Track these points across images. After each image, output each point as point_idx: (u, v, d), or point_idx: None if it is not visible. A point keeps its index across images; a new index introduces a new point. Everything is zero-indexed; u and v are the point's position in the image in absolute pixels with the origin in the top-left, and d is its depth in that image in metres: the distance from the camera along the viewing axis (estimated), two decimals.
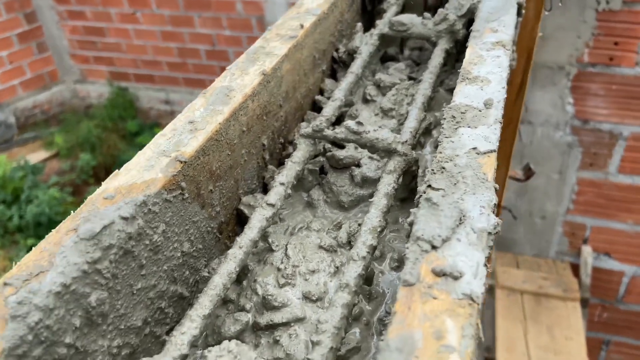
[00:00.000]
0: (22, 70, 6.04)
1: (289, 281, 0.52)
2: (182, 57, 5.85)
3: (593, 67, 2.97)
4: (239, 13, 5.34)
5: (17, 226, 4.92)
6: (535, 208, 3.53)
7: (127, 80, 6.24)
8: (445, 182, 0.46)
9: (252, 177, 0.66)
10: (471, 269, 0.38)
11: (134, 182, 0.48)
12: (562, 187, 3.36)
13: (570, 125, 3.16)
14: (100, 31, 5.88)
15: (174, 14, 5.53)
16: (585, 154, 3.25)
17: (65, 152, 5.86)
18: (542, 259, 3.70)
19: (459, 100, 0.57)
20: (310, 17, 0.77)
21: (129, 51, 5.99)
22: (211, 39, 5.63)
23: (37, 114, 6.28)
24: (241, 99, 0.60)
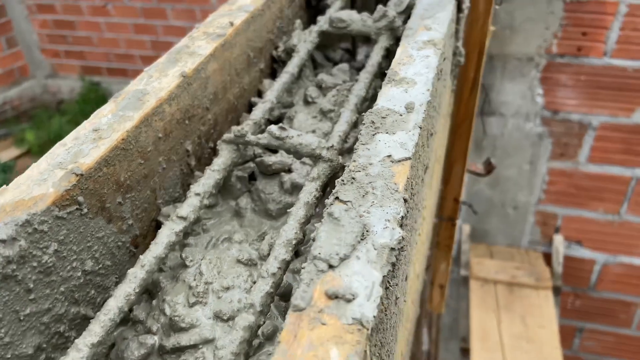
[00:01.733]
0: None
1: (199, 300, 0.49)
2: (156, 50, 5.74)
3: (562, 57, 2.98)
4: (212, 5, 5.25)
5: None
6: (508, 199, 3.56)
7: (99, 75, 6.11)
8: (354, 194, 0.43)
9: (175, 185, 0.63)
10: (365, 290, 0.35)
11: (21, 198, 0.45)
12: (533, 177, 3.38)
13: (540, 116, 3.18)
14: (71, 24, 5.75)
15: (146, 6, 5.42)
16: (555, 144, 3.27)
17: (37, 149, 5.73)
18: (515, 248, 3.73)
19: (382, 104, 0.54)
20: (242, 14, 0.73)
21: (101, 45, 5.86)
22: (185, 32, 5.53)
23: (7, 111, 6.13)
24: (155, 104, 0.57)
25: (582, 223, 3.45)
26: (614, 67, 2.89)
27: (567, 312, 3.77)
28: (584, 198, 3.33)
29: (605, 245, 3.50)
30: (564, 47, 2.95)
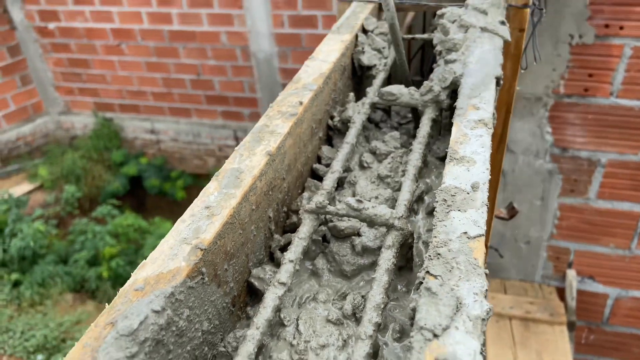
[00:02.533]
0: (6, 103, 6.03)
1: (302, 357, 0.57)
2: (168, 87, 5.90)
3: (569, 97, 3.10)
4: (223, 44, 5.43)
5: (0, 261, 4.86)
6: (520, 234, 3.63)
7: (112, 111, 6.26)
8: (442, 269, 0.52)
9: (260, 249, 0.72)
10: (469, 357, 0.44)
11: (160, 271, 0.53)
12: (544, 213, 3.46)
13: (549, 153, 3.28)
14: (85, 63, 5.91)
15: (159, 45, 5.59)
16: (565, 180, 3.36)
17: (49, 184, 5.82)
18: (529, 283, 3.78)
19: (449, 182, 0.63)
20: (307, 93, 0.83)
21: (114, 82, 6.02)
22: (196, 69, 5.70)
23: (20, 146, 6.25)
24: (251, 181, 0.66)
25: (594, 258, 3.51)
26: (621, 107, 3.00)
27: (581, 347, 3.80)
28: (595, 233, 3.41)
29: (618, 279, 3.55)
30: (571, 87, 3.08)
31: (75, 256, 4.63)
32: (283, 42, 5.29)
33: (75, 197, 5.47)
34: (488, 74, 0.83)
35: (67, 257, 4.81)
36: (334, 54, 0.94)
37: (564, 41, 2.98)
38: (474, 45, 0.89)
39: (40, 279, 4.50)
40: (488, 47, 0.88)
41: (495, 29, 0.91)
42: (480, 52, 0.87)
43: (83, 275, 4.48)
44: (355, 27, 1.04)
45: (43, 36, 5.67)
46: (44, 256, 4.81)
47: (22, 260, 4.83)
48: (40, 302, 4.53)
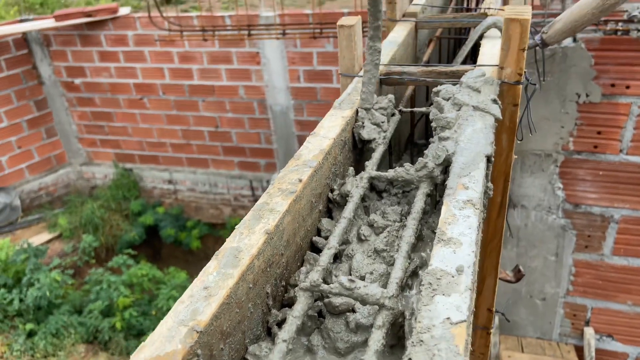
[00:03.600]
0: (30, 154, 6.24)
1: None
2: (187, 139, 6.06)
3: (579, 154, 3.12)
4: (241, 97, 5.60)
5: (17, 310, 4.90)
6: (535, 290, 3.57)
7: (132, 162, 6.42)
8: (424, 356, 0.54)
9: (257, 325, 0.75)
10: None
11: (157, 354, 0.57)
12: (559, 269, 3.42)
13: (562, 209, 3.26)
14: (108, 116, 6.12)
15: (179, 99, 5.78)
16: (579, 236, 3.33)
17: (68, 234, 5.92)
18: (546, 341, 3.68)
19: (436, 265, 0.66)
20: (307, 170, 0.88)
21: (135, 134, 6.21)
22: (215, 121, 5.86)
23: (42, 196, 6.41)
24: (248, 261, 0.70)
25: (611, 315, 3.43)
26: (631, 164, 3.01)
27: None
28: (611, 290, 3.34)
29: (637, 338, 3.45)
30: (580, 144, 3.10)
31: (89, 306, 4.66)
32: (299, 95, 5.44)
33: (92, 247, 5.55)
34: (478, 153, 0.87)
35: (81, 307, 4.84)
36: (335, 129, 1.00)
37: (571, 99, 3.02)
38: (465, 123, 0.94)
39: (54, 329, 4.52)
40: (480, 125, 0.93)
41: (487, 108, 0.96)
42: (472, 131, 0.91)
43: (97, 325, 4.49)
44: (356, 103, 1.10)
45: (69, 90, 5.92)
46: (59, 306, 4.85)
47: (37, 310, 4.87)
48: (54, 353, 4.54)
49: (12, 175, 6.10)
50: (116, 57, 5.57)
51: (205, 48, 5.24)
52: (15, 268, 5.09)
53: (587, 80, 2.95)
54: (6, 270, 5.11)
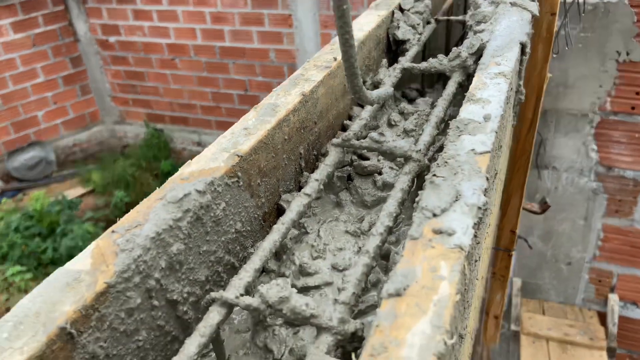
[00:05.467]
0: (65, 111, 6.40)
1: (320, 255, 0.64)
2: (216, 101, 6.14)
3: (615, 115, 3.06)
4: (271, 61, 5.63)
5: (50, 259, 5.11)
6: (561, 254, 3.55)
7: (162, 122, 6.53)
8: (447, 172, 0.58)
9: (290, 180, 0.80)
10: (462, 229, 0.50)
11: (202, 168, 0.62)
12: (587, 233, 3.39)
13: (594, 172, 3.23)
14: (141, 76, 6.23)
15: (210, 60, 5.84)
16: (610, 200, 3.29)
17: (100, 189, 6.10)
18: (569, 305, 3.68)
19: (464, 115, 0.70)
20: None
21: (166, 95, 6.30)
22: (244, 85, 5.91)
23: (76, 152, 6.59)
24: (285, 113, 0.74)
25: (638, 283, 3.40)
26: None
27: None
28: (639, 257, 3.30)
29: None
30: (618, 105, 3.05)
31: None
32: None
33: (124, 202, 5.72)
34: (513, 39, 0.90)
35: None
36: (370, 24, 1.03)
37: (611, 57, 2.97)
38: (502, 17, 0.96)
39: None
40: (516, 18, 0.95)
41: (525, 4, 0.98)
42: (508, 22, 0.93)
43: None
44: (392, 5, 1.13)
45: (104, 49, 6.03)
46: None
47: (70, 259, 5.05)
48: None
49: (48, 130, 6.29)
50: (150, 16, 5.65)
51: (237, 9, 5.26)
52: (50, 219, 5.29)
53: (629, 38, 2.89)
54: (41, 220, 5.32)
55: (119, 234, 0.51)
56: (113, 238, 0.51)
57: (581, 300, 3.63)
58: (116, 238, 0.51)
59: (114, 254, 0.49)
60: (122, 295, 0.49)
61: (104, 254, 0.49)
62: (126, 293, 0.49)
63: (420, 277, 0.45)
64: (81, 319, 0.44)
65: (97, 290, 0.46)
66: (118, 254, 0.49)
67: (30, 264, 5.21)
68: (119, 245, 0.49)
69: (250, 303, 0.49)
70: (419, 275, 0.45)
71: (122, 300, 0.48)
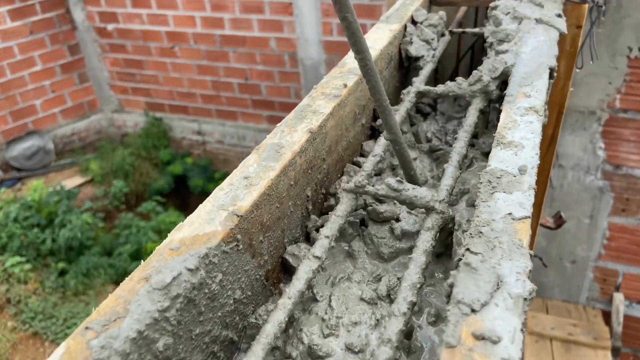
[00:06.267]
0: (63, 99, 6.30)
1: (332, 332, 0.55)
2: (216, 90, 6.02)
3: (625, 112, 2.96)
4: (272, 49, 5.50)
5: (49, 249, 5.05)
6: (566, 252, 3.48)
7: (162, 111, 6.43)
8: (483, 247, 0.49)
9: (297, 227, 0.71)
10: (509, 334, 0.41)
11: (196, 234, 0.53)
12: (593, 232, 3.31)
13: (601, 170, 3.14)
14: (140, 64, 6.11)
15: (210, 49, 5.72)
16: (617, 199, 3.21)
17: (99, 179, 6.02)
18: (572, 304, 3.62)
19: (495, 165, 0.61)
20: (352, 77, 0.83)
21: (166, 83, 6.19)
22: (245, 73, 5.79)
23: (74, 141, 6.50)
24: (290, 156, 0.65)
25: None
26: None
27: None
28: None
29: None
30: (628, 102, 2.95)
31: (119, 249, 4.77)
32: (331, 49, 5.31)
33: (123, 192, 5.64)
34: (541, 64, 0.80)
35: (111, 250, 4.96)
36: (382, 41, 0.93)
37: (621, 54, 2.86)
38: (527, 35, 0.86)
39: (85, 269, 4.65)
40: (543, 38, 0.86)
41: (552, 21, 0.88)
42: (535, 42, 0.84)
43: (125, 267, 4.60)
44: (405, 18, 1.03)
45: (102, 37, 5.90)
46: (89, 247, 4.97)
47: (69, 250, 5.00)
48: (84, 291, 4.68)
49: (46, 119, 6.20)
50: (148, 3, 5.51)
51: None
52: (49, 209, 5.23)
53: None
54: (39, 210, 5.25)
55: (94, 331, 0.43)
56: (87, 338, 0.42)
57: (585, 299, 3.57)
58: (90, 338, 0.42)
59: None
60: None
61: None
62: None
63: None
64: None
65: None
66: None
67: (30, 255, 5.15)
68: (93, 353, 0.41)
69: None
70: None
71: None
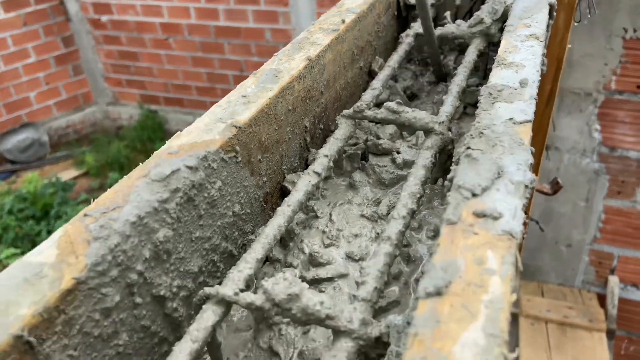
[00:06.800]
0: (58, 92, 6.27)
1: (333, 242, 0.55)
2: (211, 82, 6.01)
3: (620, 94, 2.97)
4: (267, 40, 5.49)
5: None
6: (561, 235, 3.49)
7: (157, 104, 6.41)
8: (484, 145, 0.49)
9: (295, 156, 0.70)
10: (510, 212, 0.41)
11: (194, 141, 0.53)
12: (588, 215, 3.32)
13: (597, 152, 3.15)
14: (134, 56, 6.08)
15: (205, 40, 5.70)
16: (612, 181, 3.22)
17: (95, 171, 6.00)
18: (568, 287, 3.63)
19: (495, 81, 0.60)
20: (350, 15, 0.82)
21: (160, 75, 6.17)
22: (240, 65, 5.78)
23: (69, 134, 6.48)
24: (288, 79, 0.65)
25: (638, 265, 3.35)
26: None
27: (621, 358, 3.62)
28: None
29: None
30: (623, 83, 2.96)
31: None
32: None
33: None
34: (541, 0, 0.80)
35: None
36: None
37: (617, 35, 2.87)
38: None
39: None
40: None
41: None
42: None
43: None
44: None
45: (96, 28, 5.87)
46: None
47: None
48: None
49: (41, 111, 6.17)
50: None
51: None
52: (44, 201, 5.20)
53: (636, 14, 2.78)
54: (35, 202, 5.23)
55: (92, 217, 0.42)
56: (85, 223, 0.42)
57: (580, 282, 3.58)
58: (89, 223, 0.42)
59: (86, 243, 0.40)
60: (96, 293, 0.40)
61: (73, 242, 0.40)
62: (101, 290, 0.40)
63: (464, 271, 0.36)
64: (42, 324, 0.36)
65: (63, 288, 0.37)
66: (91, 243, 0.40)
67: (25, 247, 5.13)
68: (92, 232, 0.40)
69: (253, 301, 0.40)
70: (462, 269, 0.36)
71: (95, 299, 0.40)
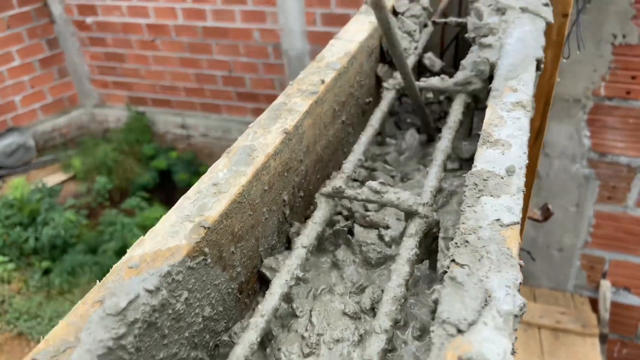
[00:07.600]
0: (43, 95, 6.18)
1: (313, 351, 0.52)
2: (200, 83, 5.94)
3: (610, 100, 2.95)
4: (255, 41, 5.42)
5: (32, 248, 4.96)
6: (553, 240, 3.49)
7: (144, 105, 6.33)
8: (470, 257, 0.46)
9: (273, 234, 0.67)
10: (498, 358, 0.38)
11: (158, 249, 0.49)
12: (579, 220, 3.31)
13: (587, 158, 3.14)
14: (120, 57, 5.99)
15: (192, 41, 5.62)
16: (603, 187, 3.21)
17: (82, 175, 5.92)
18: (560, 292, 3.64)
19: (481, 166, 0.57)
20: (330, 72, 0.78)
21: (148, 77, 6.09)
22: (228, 66, 5.71)
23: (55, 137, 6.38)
24: (264, 159, 0.61)
25: (630, 269, 3.35)
26: None
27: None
28: (632, 243, 3.25)
29: None
30: (613, 89, 2.94)
31: (104, 246, 4.70)
32: (315, 40, 5.24)
33: (107, 189, 5.56)
34: (527, 56, 0.76)
35: (96, 247, 4.88)
36: (362, 34, 0.89)
37: (606, 41, 2.84)
38: (512, 26, 0.83)
39: (69, 267, 4.57)
40: (529, 27, 0.82)
41: (537, 10, 0.84)
42: (520, 33, 0.80)
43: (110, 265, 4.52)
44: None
45: (81, 30, 5.77)
46: (74, 245, 4.89)
47: (52, 248, 4.92)
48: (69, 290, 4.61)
49: (26, 115, 6.07)
50: None
51: None
52: (30, 207, 5.13)
53: (626, 20, 2.76)
54: (21, 209, 5.15)
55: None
56: None
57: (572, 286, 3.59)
58: None
59: None
60: None
61: None
62: None
63: None
64: None
65: None
66: None
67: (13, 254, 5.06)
68: None
69: None
70: None
71: None
